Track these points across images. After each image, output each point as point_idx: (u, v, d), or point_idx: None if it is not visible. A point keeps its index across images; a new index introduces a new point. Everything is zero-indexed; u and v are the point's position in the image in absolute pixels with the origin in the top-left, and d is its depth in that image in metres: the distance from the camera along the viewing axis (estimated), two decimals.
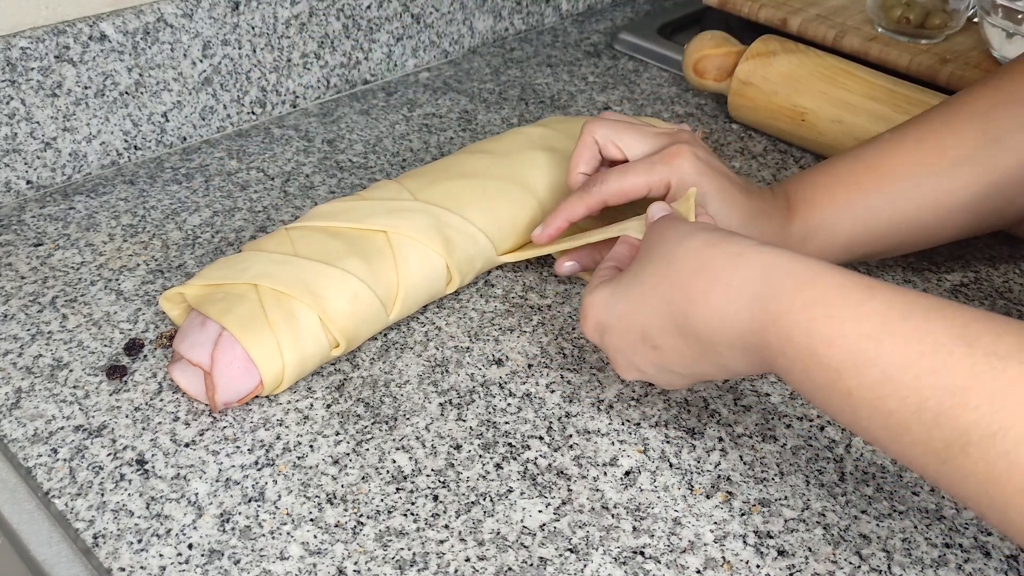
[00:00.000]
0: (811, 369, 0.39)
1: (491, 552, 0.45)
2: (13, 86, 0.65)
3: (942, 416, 0.35)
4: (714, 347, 0.43)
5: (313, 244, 0.54)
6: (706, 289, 0.42)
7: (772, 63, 0.75)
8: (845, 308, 0.38)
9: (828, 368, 0.38)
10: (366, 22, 0.82)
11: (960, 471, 0.35)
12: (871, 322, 0.37)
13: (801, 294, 0.39)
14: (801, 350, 0.39)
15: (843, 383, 0.38)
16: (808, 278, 0.40)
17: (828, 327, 0.38)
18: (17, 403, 0.52)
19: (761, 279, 0.41)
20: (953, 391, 0.35)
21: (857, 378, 0.37)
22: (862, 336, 0.37)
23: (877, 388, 0.37)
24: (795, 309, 0.39)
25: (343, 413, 0.52)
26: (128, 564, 0.44)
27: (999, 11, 0.74)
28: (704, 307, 0.42)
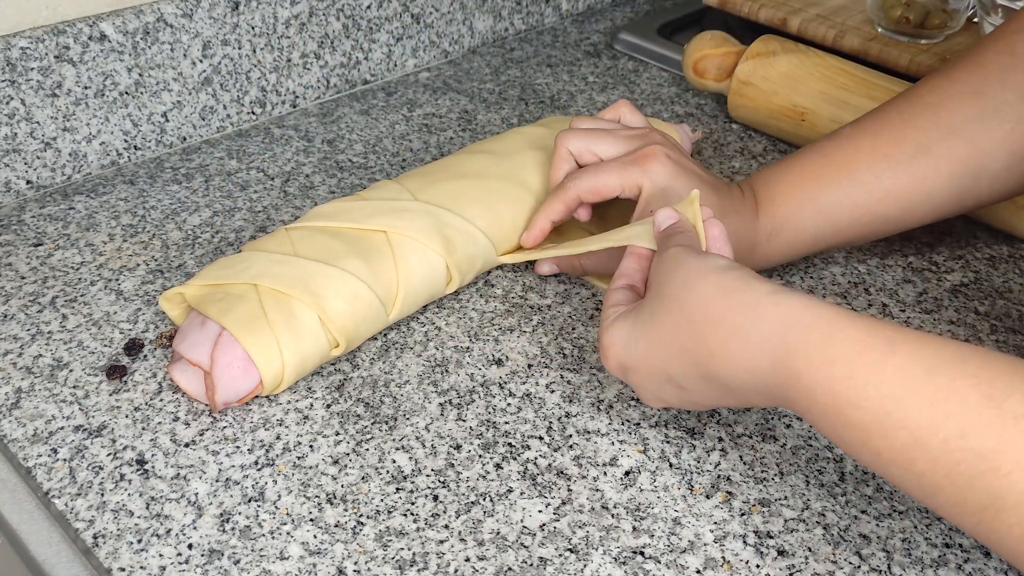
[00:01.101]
0: (838, 427, 0.38)
1: (491, 552, 0.45)
2: (13, 86, 0.65)
3: (975, 480, 0.35)
4: (741, 393, 0.43)
5: (313, 244, 0.54)
6: (724, 343, 0.41)
7: (772, 63, 0.75)
8: (867, 367, 0.37)
9: (855, 428, 0.38)
10: (366, 22, 0.82)
11: (996, 532, 0.35)
12: (894, 382, 0.37)
13: (820, 353, 0.39)
14: (826, 409, 0.39)
15: (871, 443, 0.37)
16: (826, 334, 0.39)
17: (850, 388, 0.38)
18: (17, 403, 0.52)
19: (779, 335, 0.40)
20: (984, 455, 0.34)
21: (885, 439, 0.37)
22: (885, 397, 0.37)
23: (906, 451, 0.36)
24: (815, 368, 0.39)
25: (343, 413, 0.52)
26: (128, 564, 0.44)
27: (999, 11, 0.74)
28: (726, 361, 0.42)
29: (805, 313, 0.40)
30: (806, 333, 0.39)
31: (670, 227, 0.49)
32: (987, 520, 0.35)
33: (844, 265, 0.65)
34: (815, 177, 0.57)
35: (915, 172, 0.55)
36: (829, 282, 0.63)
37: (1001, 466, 0.34)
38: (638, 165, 0.55)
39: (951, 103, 0.54)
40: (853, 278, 0.63)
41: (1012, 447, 0.34)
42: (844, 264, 0.65)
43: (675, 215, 0.50)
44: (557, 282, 0.62)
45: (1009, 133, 0.53)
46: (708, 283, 0.43)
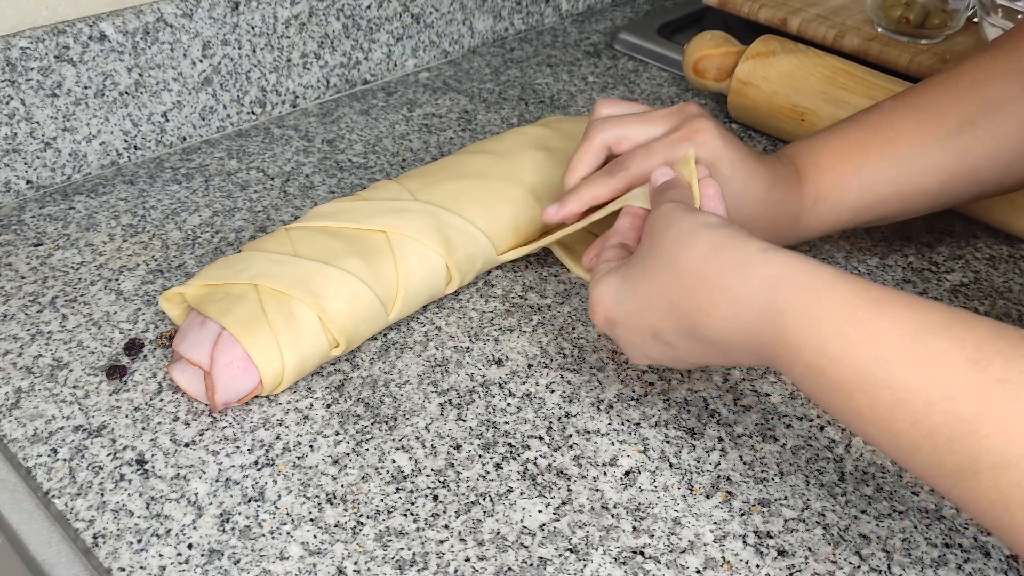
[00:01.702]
0: (821, 385, 0.39)
1: (491, 552, 0.45)
2: (13, 86, 0.65)
3: (954, 442, 0.35)
4: (727, 350, 0.43)
5: (313, 244, 0.54)
6: (713, 300, 0.42)
7: (772, 63, 0.75)
8: (854, 327, 0.38)
9: (838, 386, 0.38)
10: (366, 22, 0.82)
11: (972, 493, 0.35)
12: (882, 344, 0.37)
13: (808, 311, 0.39)
14: (811, 367, 0.39)
15: (854, 402, 0.38)
16: (814, 292, 0.39)
17: (837, 347, 0.38)
18: (17, 403, 0.52)
19: (768, 292, 0.40)
20: (965, 418, 0.34)
21: (868, 398, 0.37)
22: (872, 358, 0.37)
23: (888, 410, 0.37)
24: (803, 327, 0.39)
25: (343, 413, 0.52)
26: (128, 564, 0.44)
27: (999, 11, 0.74)
28: (713, 318, 0.42)
29: (795, 271, 0.40)
30: (795, 291, 0.40)
31: (664, 183, 0.49)
32: (963, 482, 0.35)
33: (844, 265, 0.65)
34: (860, 147, 0.56)
35: (960, 145, 0.54)
36: None
37: (980, 429, 0.34)
38: (688, 139, 0.52)
39: (998, 80, 0.54)
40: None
41: (994, 411, 0.34)
42: (844, 264, 0.65)
43: (670, 172, 0.50)
44: (557, 282, 0.62)
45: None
46: (699, 240, 0.43)
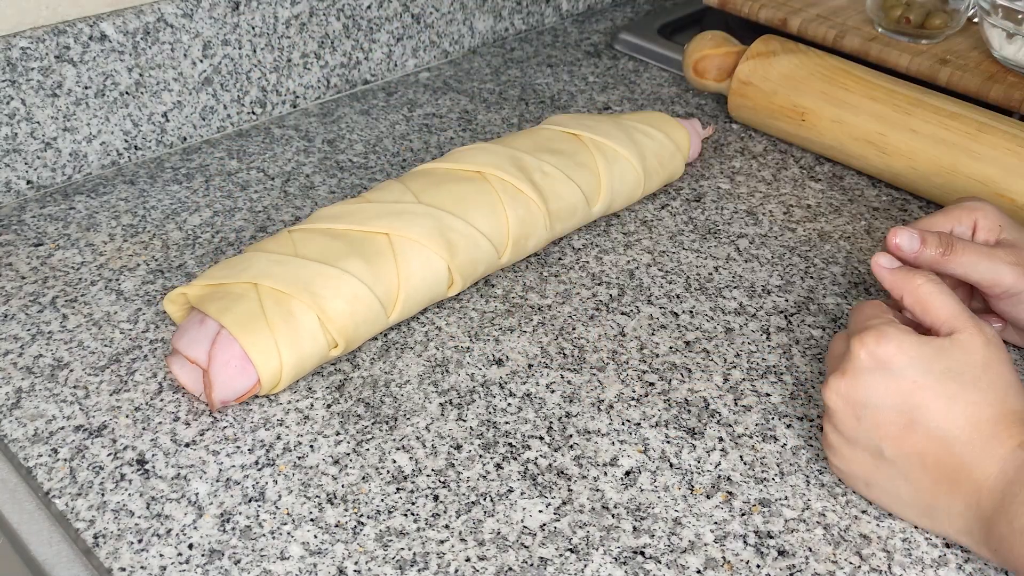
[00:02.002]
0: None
1: (491, 552, 0.45)
2: (13, 86, 0.65)
3: None
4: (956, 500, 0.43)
5: (314, 245, 0.54)
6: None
7: (772, 63, 0.76)
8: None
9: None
10: (366, 22, 0.82)
11: None
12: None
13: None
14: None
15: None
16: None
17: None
18: (17, 403, 0.52)
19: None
20: None
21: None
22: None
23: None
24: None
25: (343, 413, 0.52)
26: (128, 564, 0.44)
27: (999, 11, 0.74)
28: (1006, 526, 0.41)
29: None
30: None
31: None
32: None
33: (844, 265, 0.65)
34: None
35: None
36: (829, 282, 0.63)
37: None
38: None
39: None
40: (853, 278, 0.63)
41: None
42: (844, 264, 0.65)
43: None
44: (557, 282, 0.62)
45: None
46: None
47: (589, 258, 0.65)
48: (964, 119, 0.68)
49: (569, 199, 0.62)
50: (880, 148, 0.70)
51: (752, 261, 0.65)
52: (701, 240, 0.67)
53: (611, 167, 0.65)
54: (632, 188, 0.67)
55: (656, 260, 0.65)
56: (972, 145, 0.66)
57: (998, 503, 0.41)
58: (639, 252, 0.65)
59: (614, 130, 0.66)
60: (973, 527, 0.42)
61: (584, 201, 0.63)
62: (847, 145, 0.72)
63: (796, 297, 0.61)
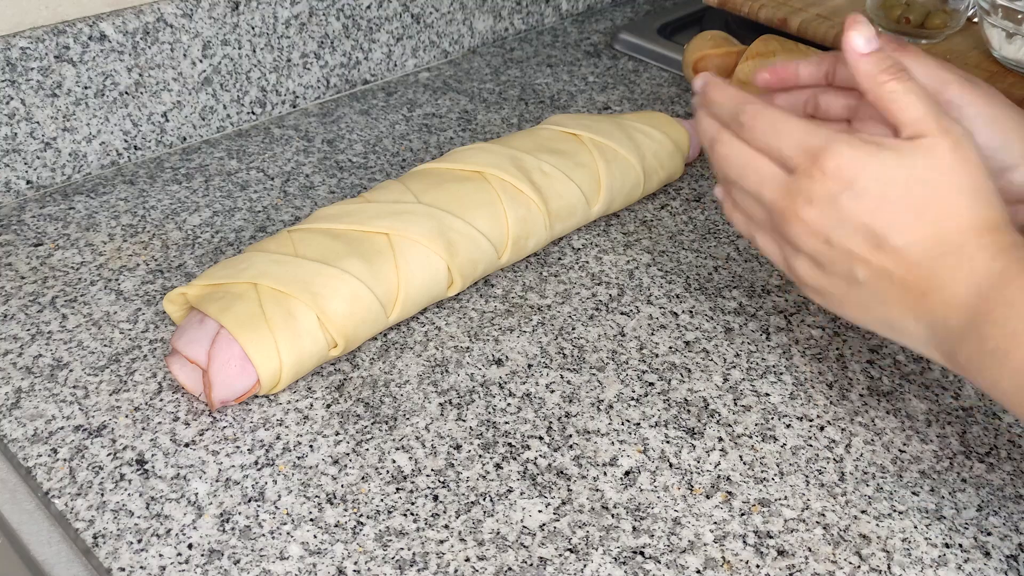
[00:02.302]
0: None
1: (491, 552, 0.45)
2: (13, 86, 0.65)
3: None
4: (922, 298, 0.40)
5: (314, 245, 0.54)
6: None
7: (772, 63, 0.75)
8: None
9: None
10: (366, 22, 0.82)
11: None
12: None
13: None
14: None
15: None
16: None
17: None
18: (17, 403, 0.52)
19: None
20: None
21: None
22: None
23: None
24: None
25: (343, 413, 0.52)
26: (128, 564, 0.44)
27: (999, 11, 0.74)
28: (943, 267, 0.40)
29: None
30: None
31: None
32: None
33: None
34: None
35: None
36: None
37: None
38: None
39: None
40: None
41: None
42: None
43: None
44: (557, 282, 0.62)
45: None
46: (984, 263, 0.40)
47: (589, 258, 0.65)
48: None
49: (569, 199, 0.62)
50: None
51: (752, 261, 0.65)
52: (701, 240, 0.67)
53: (611, 167, 0.65)
54: (632, 188, 0.67)
55: (656, 260, 0.65)
56: None
57: (968, 321, 0.39)
58: (639, 252, 0.65)
59: (614, 130, 0.66)
60: (941, 342, 0.41)
61: (584, 201, 0.63)
62: None
63: (796, 297, 0.61)
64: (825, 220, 0.42)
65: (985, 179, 0.41)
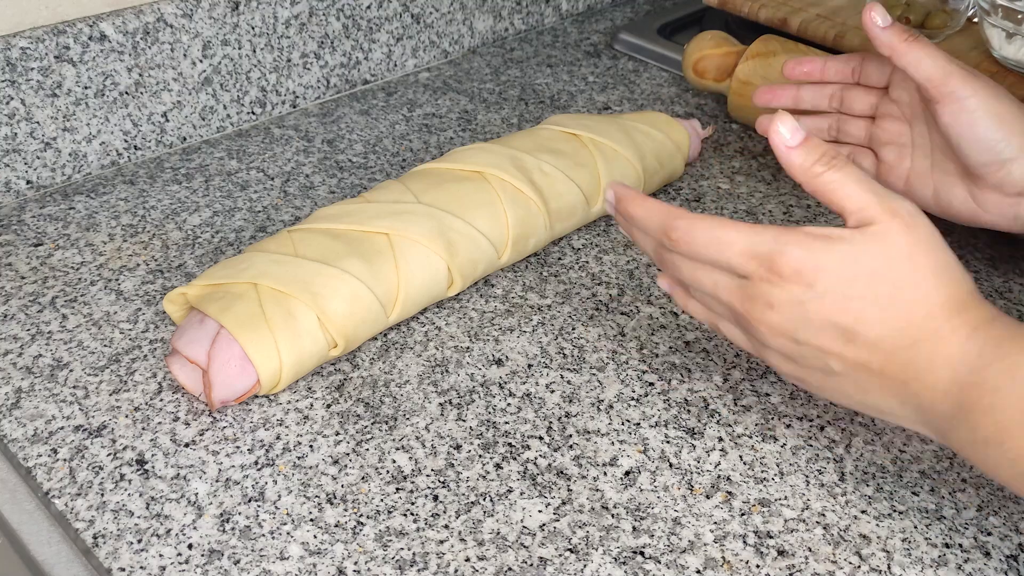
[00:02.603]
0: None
1: (491, 552, 0.45)
2: (13, 86, 0.65)
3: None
4: (901, 390, 0.40)
5: (314, 245, 0.54)
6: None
7: (772, 63, 0.75)
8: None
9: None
10: (366, 22, 0.82)
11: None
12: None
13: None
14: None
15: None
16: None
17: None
18: (17, 403, 0.52)
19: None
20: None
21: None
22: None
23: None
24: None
25: (343, 413, 0.52)
26: (128, 564, 0.44)
27: (999, 11, 0.74)
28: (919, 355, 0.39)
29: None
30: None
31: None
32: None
33: None
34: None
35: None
36: None
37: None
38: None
39: None
40: None
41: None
42: None
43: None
44: (557, 282, 0.62)
45: None
46: (960, 346, 0.39)
47: (589, 258, 0.65)
48: None
49: (569, 199, 0.62)
50: None
51: None
52: None
53: (611, 167, 0.65)
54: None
55: None
56: None
57: (956, 407, 0.39)
58: (639, 252, 0.65)
59: (614, 130, 0.66)
60: (931, 424, 0.41)
61: (584, 201, 0.63)
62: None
63: None
64: (790, 322, 0.41)
65: (943, 253, 0.40)
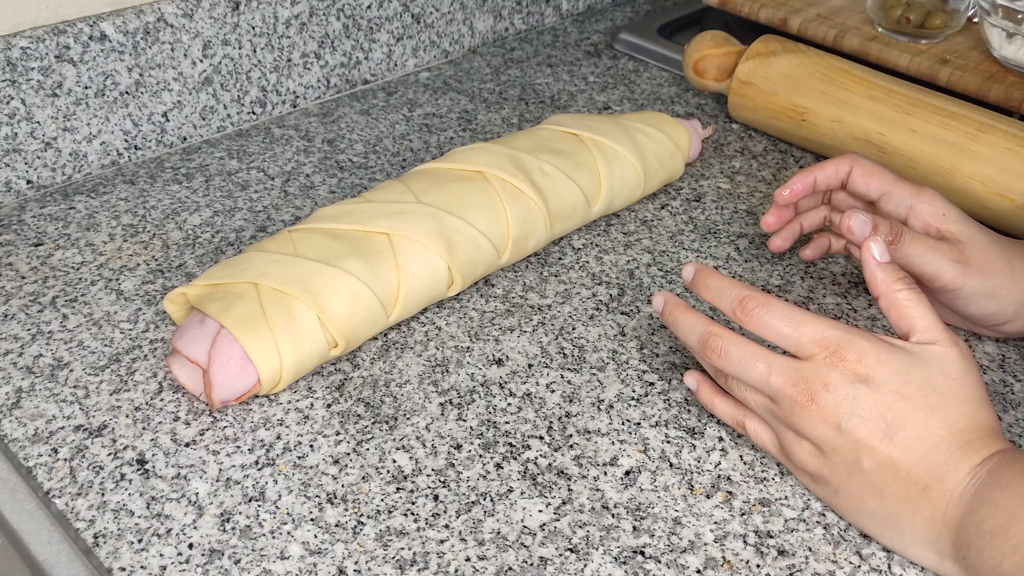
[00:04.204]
0: None
1: (491, 552, 0.45)
2: (13, 86, 0.65)
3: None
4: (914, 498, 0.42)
5: (314, 245, 0.54)
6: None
7: (772, 63, 0.76)
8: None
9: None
10: (366, 22, 0.82)
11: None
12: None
13: None
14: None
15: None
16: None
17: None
18: (17, 403, 0.52)
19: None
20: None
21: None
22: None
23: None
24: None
25: (343, 413, 0.52)
26: (128, 564, 0.44)
27: (999, 11, 0.74)
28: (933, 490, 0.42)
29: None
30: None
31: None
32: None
33: (844, 265, 0.65)
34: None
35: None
36: (829, 282, 0.63)
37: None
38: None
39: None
40: (853, 278, 0.63)
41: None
42: (844, 264, 0.65)
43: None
44: (557, 282, 0.62)
45: None
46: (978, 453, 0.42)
47: (589, 258, 0.65)
48: (964, 119, 0.68)
49: (569, 199, 0.62)
50: (880, 148, 0.70)
51: (752, 261, 0.65)
52: (701, 240, 0.67)
53: (611, 167, 0.65)
54: (632, 188, 0.67)
55: (656, 260, 0.65)
56: (972, 145, 0.66)
57: (966, 508, 0.41)
58: (639, 252, 0.65)
59: (614, 130, 0.66)
60: (939, 535, 0.42)
61: (584, 201, 0.63)
62: (847, 145, 0.72)
63: (796, 297, 0.61)
64: (841, 407, 0.43)
65: (983, 388, 0.44)
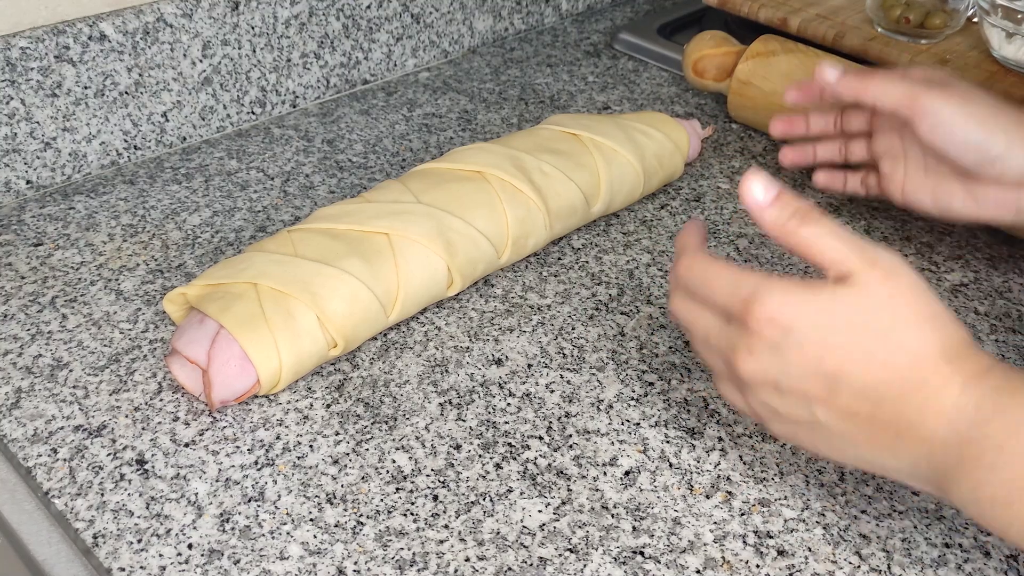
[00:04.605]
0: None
1: (491, 552, 0.45)
2: (13, 86, 0.65)
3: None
4: (898, 439, 0.39)
5: (314, 245, 0.54)
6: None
7: (772, 63, 0.75)
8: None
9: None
10: (366, 22, 0.82)
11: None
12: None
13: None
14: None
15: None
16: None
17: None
18: (17, 403, 0.52)
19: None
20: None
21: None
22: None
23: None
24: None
25: (343, 413, 0.52)
26: (128, 564, 0.44)
27: (999, 11, 0.74)
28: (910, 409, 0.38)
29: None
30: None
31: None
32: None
33: None
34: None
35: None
36: None
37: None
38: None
39: None
40: None
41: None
42: None
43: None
44: (557, 282, 0.62)
45: None
46: (960, 399, 0.38)
47: (589, 258, 0.65)
48: None
49: (568, 199, 0.62)
50: None
51: (752, 261, 0.65)
52: None
53: (610, 167, 0.65)
54: (631, 188, 0.67)
55: (656, 260, 0.65)
56: None
57: (956, 462, 0.38)
58: (639, 252, 0.65)
59: (614, 130, 0.66)
60: (929, 478, 0.39)
61: (583, 201, 0.63)
62: None
63: None
64: (770, 368, 0.40)
65: (929, 303, 0.39)
